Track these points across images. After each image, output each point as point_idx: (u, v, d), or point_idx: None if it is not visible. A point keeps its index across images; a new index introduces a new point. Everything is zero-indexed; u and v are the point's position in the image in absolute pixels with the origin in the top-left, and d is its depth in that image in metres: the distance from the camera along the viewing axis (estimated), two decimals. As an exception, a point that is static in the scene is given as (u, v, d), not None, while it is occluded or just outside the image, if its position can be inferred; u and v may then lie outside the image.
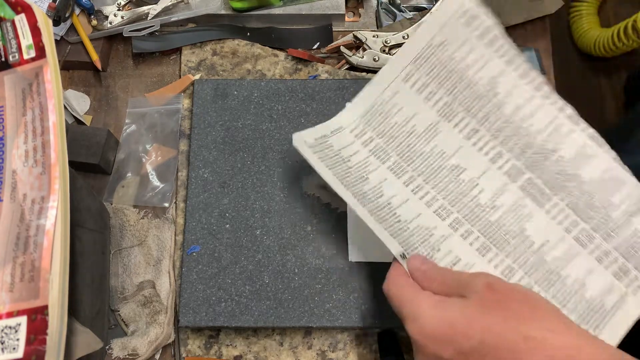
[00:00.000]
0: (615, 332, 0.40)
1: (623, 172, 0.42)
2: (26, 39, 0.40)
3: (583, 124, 0.43)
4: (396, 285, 0.40)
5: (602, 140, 0.43)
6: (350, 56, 0.61)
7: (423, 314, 0.36)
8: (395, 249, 0.42)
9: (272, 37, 0.64)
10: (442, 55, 0.45)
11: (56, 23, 0.60)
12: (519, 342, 0.32)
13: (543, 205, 0.42)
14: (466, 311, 0.35)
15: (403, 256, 0.42)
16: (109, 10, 0.62)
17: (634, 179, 0.42)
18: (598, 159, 0.43)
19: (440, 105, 0.45)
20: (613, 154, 0.43)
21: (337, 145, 0.47)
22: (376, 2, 0.66)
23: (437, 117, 0.45)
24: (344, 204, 0.54)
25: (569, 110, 0.43)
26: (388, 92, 0.46)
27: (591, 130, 0.43)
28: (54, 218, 0.36)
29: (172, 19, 0.62)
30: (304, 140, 0.46)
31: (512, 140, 0.43)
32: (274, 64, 0.63)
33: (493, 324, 0.34)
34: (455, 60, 0.44)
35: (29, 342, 0.33)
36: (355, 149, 0.47)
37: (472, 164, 0.44)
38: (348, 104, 0.50)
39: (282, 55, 0.63)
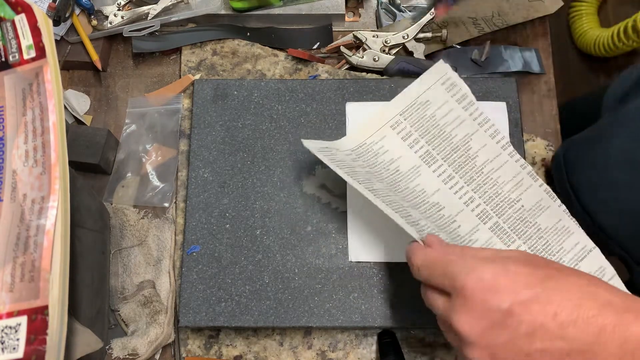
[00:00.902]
0: None
1: (571, 222, 0.50)
2: (26, 39, 0.40)
3: (540, 181, 0.51)
4: (432, 250, 0.39)
5: (554, 195, 0.50)
6: (350, 56, 0.61)
7: (480, 265, 0.35)
8: (415, 234, 0.44)
9: (272, 37, 0.64)
10: (426, 112, 0.52)
11: (56, 23, 0.60)
12: (583, 286, 0.33)
13: (509, 246, 0.49)
14: (524, 264, 0.35)
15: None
16: (109, 10, 0.62)
17: (580, 229, 0.49)
18: (551, 210, 0.50)
19: (421, 153, 0.52)
20: (563, 207, 0.50)
21: (339, 156, 0.50)
22: (376, 2, 0.66)
23: (419, 161, 0.51)
24: (344, 203, 0.54)
25: (529, 167, 0.51)
26: (376, 136, 0.53)
27: (546, 186, 0.50)
28: (54, 218, 0.36)
29: (172, 19, 0.62)
30: (313, 146, 0.49)
31: (483, 188, 0.50)
32: (274, 64, 0.63)
33: (553, 275, 0.34)
34: (436, 117, 0.52)
35: (29, 342, 0.33)
36: (355, 168, 0.49)
37: (449, 204, 0.50)
38: (348, 132, 0.55)
39: (282, 55, 0.63)
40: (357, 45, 0.62)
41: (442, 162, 0.51)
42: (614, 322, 0.31)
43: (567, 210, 0.50)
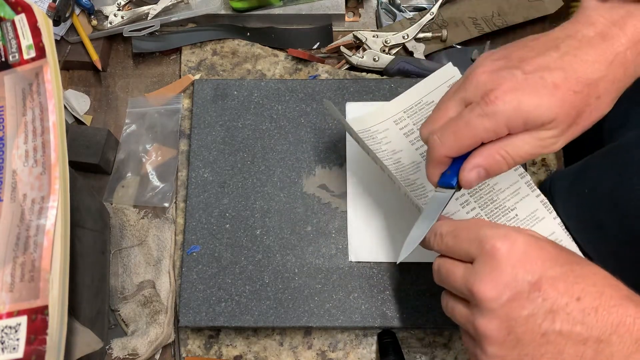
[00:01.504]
0: None
1: (565, 236, 0.49)
2: (26, 39, 0.40)
3: (537, 191, 0.50)
4: (459, 221, 0.38)
5: (550, 207, 0.49)
6: (350, 56, 0.61)
7: (513, 232, 0.34)
8: None
9: (272, 37, 0.64)
10: (429, 111, 0.51)
11: (56, 23, 0.60)
12: (606, 277, 0.33)
13: None
14: (553, 243, 0.35)
15: None
16: (109, 10, 0.62)
17: (573, 244, 0.48)
18: (546, 222, 0.49)
19: (422, 150, 0.51)
20: (558, 220, 0.49)
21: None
22: (376, 2, 0.66)
23: (420, 158, 0.51)
24: (344, 203, 0.54)
25: (527, 177, 0.50)
26: (381, 126, 0.53)
27: (542, 197, 0.50)
28: (54, 218, 0.36)
29: (172, 19, 0.62)
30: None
31: (479, 193, 0.50)
32: (274, 64, 0.63)
33: (580, 261, 0.34)
34: None
35: (29, 342, 0.33)
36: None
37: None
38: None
39: (282, 55, 0.63)
40: (357, 45, 0.62)
41: None
42: (635, 315, 0.31)
43: (562, 224, 0.49)
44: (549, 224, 0.49)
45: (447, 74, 0.53)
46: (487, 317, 0.33)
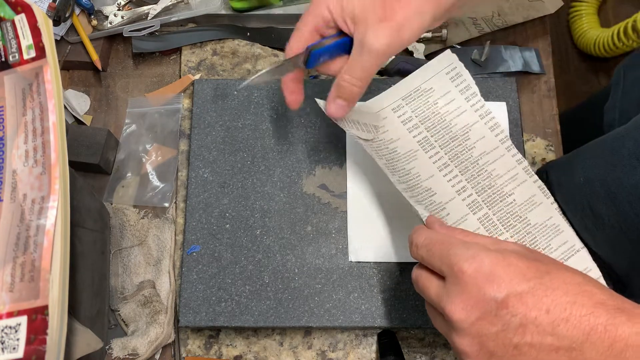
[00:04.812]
0: None
1: (562, 220, 0.49)
2: (26, 39, 0.40)
3: (534, 177, 0.51)
4: (436, 232, 0.39)
5: (547, 192, 0.50)
6: (350, 56, 0.61)
7: (481, 253, 0.35)
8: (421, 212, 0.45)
9: (272, 37, 0.64)
10: (428, 99, 0.53)
11: (56, 23, 0.60)
12: (579, 284, 0.34)
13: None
14: (524, 258, 0.35)
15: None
16: (109, 10, 0.62)
17: (570, 229, 0.49)
18: (543, 207, 0.50)
19: (420, 138, 0.52)
20: (556, 205, 0.50)
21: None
22: (376, 2, 0.66)
23: (417, 146, 0.52)
24: (344, 203, 0.54)
25: (525, 163, 0.51)
26: (379, 115, 0.53)
27: (540, 183, 0.50)
28: (54, 218, 0.36)
29: (172, 19, 0.62)
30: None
31: (477, 179, 0.50)
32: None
33: (552, 270, 0.34)
34: (438, 105, 0.53)
35: (29, 342, 0.33)
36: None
37: (441, 191, 0.50)
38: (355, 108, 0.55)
39: (282, 55, 0.63)
40: (357, 45, 0.62)
41: (439, 150, 0.51)
42: (605, 322, 0.31)
43: (560, 209, 0.50)
44: (547, 209, 0.49)
45: (445, 60, 0.53)
46: (460, 335, 0.35)
